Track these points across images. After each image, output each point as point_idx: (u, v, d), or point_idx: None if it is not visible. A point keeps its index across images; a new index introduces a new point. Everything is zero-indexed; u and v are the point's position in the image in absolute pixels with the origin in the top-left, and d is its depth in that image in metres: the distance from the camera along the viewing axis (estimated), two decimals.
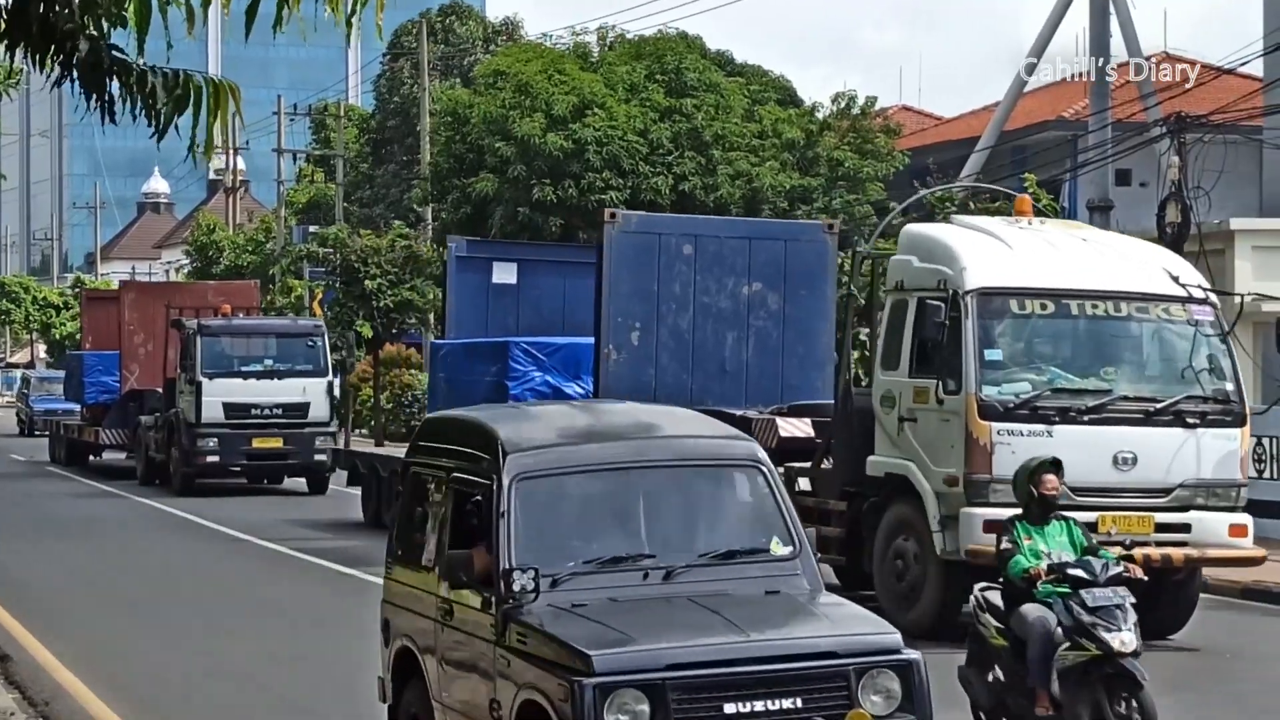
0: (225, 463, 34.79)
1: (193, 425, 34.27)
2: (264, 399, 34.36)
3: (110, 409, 41.40)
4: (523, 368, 21.98)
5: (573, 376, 21.68)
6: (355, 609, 18.29)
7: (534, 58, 44.48)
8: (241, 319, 37.00)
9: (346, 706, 13.65)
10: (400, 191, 66.00)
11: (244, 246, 71.60)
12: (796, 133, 42.30)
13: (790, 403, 20.91)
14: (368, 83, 78.98)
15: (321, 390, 34.78)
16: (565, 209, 41.40)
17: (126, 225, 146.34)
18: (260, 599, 21.15)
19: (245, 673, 15.68)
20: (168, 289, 45.23)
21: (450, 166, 45.32)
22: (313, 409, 34.57)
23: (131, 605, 20.68)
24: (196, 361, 34.14)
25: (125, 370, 40.62)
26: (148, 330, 40.07)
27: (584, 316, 23.58)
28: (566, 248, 33.72)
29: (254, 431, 34.39)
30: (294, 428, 34.30)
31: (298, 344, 35.12)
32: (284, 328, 36.75)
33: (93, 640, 17.79)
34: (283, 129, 73.66)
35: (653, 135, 41.65)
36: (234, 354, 34.54)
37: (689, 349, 20.91)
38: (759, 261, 21.45)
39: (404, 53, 70.44)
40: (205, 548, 27.04)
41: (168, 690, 14.85)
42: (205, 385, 34.03)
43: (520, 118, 41.72)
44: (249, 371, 34.50)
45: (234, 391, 34.20)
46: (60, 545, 26.83)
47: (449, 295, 25.72)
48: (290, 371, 34.58)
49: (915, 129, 52.04)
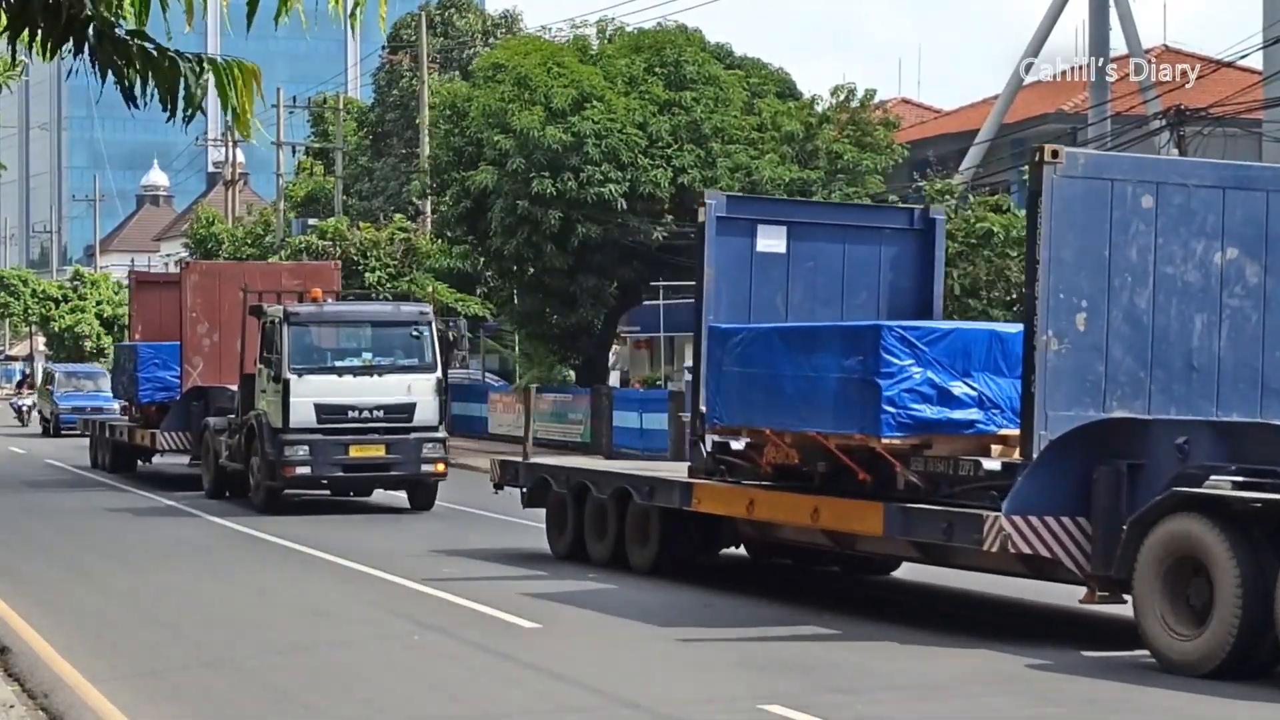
0: (317, 474, 29.55)
1: (279, 430, 29.20)
2: (363, 399, 29.35)
3: (169, 409, 36.15)
4: (900, 361, 16.63)
5: (960, 373, 16.77)
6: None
7: (533, 51, 44.50)
8: (335, 305, 31.99)
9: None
10: (399, 184, 66.02)
11: (243, 239, 71.58)
12: (796, 125, 42.32)
13: (1270, 415, 16.60)
14: (367, 76, 79.01)
15: (429, 388, 29.67)
16: (565, 202, 41.41)
17: (126, 218, 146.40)
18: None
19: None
20: (235, 270, 38.83)
21: (449, 159, 45.35)
22: (419, 410, 29.52)
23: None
24: (283, 355, 29.17)
25: (187, 364, 35.78)
26: (212, 318, 35.65)
27: (867, 295, 20.50)
28: (846, 207, 29.14)
29: (351, 438, 29.36)
30: (397, 432, 29.47)
31: (401, 334, 30.00)
32: (385, 314, 31.05)
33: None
34: (282, 122, 73.66)
35: (652, 128, 41.66)
36: (327, 346, 29.83)
37: (1147, 337, 16.48)
38: (1235, 219, 16.90)
39: (403, 46, 70.46)
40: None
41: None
42: (294, 383, 29.10)
43: (519, 111, 41.73)
44: (345, 367, 29.57)
45: (328, 390, 29.22)
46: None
47: (707, 267, 20.21)
48: (393, 367, 29.62)
49: (915, 122, 52.05)
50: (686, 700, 13.42)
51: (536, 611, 17.95)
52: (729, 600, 19.15)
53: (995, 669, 14.96)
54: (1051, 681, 14.38)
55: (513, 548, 24.05)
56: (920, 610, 18.83)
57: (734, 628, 17.17)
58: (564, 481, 22.50)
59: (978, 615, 18.47)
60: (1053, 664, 15.15)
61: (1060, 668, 15.00)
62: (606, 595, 19.43)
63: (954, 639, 16.57)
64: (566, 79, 42.28)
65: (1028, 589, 18.95)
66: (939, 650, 15.95)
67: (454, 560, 22.83)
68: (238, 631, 16.82)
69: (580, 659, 15.34)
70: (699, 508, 19.72)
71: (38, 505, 31.48)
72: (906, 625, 17.35)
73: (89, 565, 22.53)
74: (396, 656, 15.42)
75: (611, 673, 14.66)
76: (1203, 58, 46.47)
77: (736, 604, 18.87)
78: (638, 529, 21.05)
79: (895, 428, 16.63)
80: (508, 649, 15.79)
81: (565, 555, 22.34)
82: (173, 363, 36.54)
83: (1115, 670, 14.92)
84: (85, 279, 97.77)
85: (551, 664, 14.94)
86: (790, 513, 18.62)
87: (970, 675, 14.64)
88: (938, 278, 20.68)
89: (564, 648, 15.92)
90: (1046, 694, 13.88)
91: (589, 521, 22.00)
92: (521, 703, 13.49)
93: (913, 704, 13.51)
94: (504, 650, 15.73)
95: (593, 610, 18.36)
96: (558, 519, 22.74)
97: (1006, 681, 14.39)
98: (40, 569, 22.11)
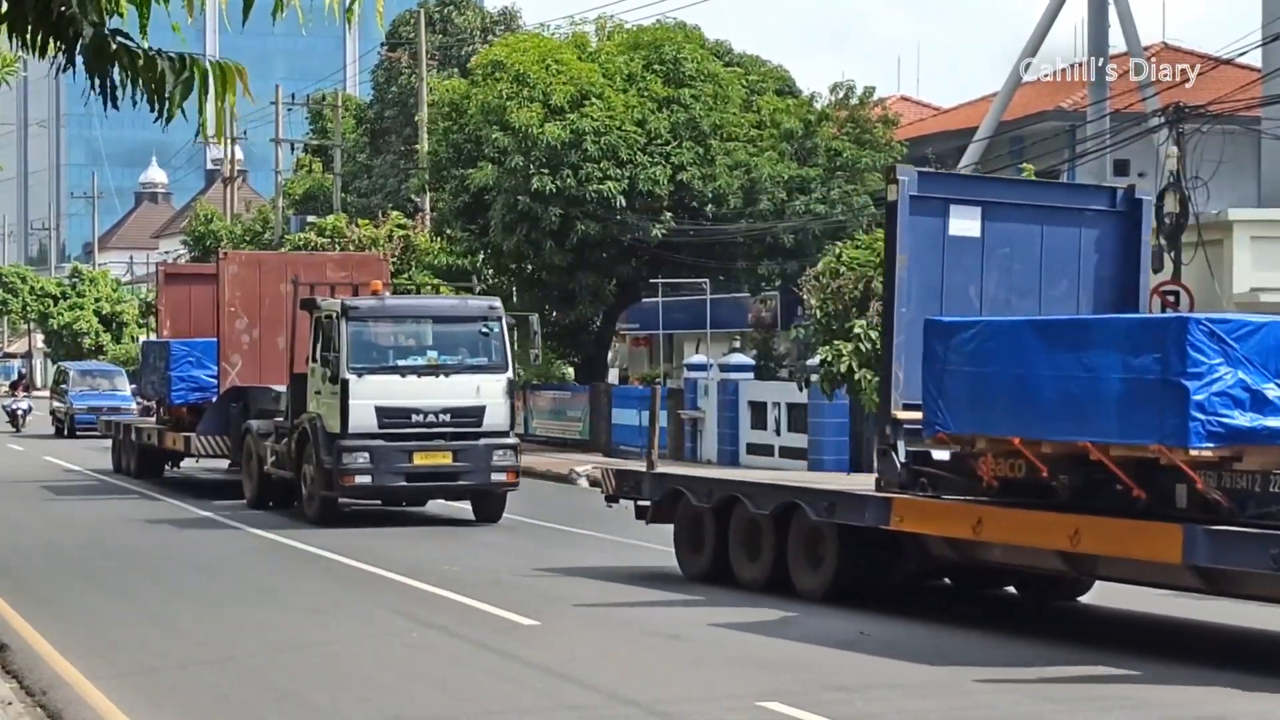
0: (378, 484, 26.89)
1: (336, 436, 26.62)
2: (428, 401, 26.81)
3: (204, 411, 33.56)
4: (1208, 360, 14.41)
5: (1274, 374, 14.67)
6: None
7: (532, 48, 44.48)
8: (397, 299, 29.65)
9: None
10: (398, 182, 66.02)
11: (241, 236, 71.55)
12: (795, 123, 42.31)
13: None
14: (365, 73, 78.98)
15: (500, 390, 27.18)
16: (563, 199, 41.40)
17: (124, 215, 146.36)
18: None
19: None
20: (276, 261, 35.77)
21: (448, 156, 45.35)
22: (489, 414, 27.04)
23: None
24: (342, 353, 26.60)
25: (224, 363, 32.83)
26: (252, 313, 32.76)
27: (1067, 285, 18.59)
28: (1043, 186, 24.93)
29: (416, 444, 26.79)
30: (466, 438, 26.95)
31: (469, 330, 27.55)
32: (451, 309, 28.58)
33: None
34: (280, 119, 73.66)
35: (651, 125, 41.65)
36: (389, 343, 27.27)
37: None
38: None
39: (402, 43, 70.44)
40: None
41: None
42: (353, 384, 26.54)
43: (518, 108, 41.73)
44: (408, 367, 26.99)
45: (390, 392, 26.69)
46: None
47: (900, 252, 17.97)
48: (460, 366, 27.14)
49: (914, 119, 52.03)
50: (685, 698, 13.41)
51: (536, 609, 17.94)
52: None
53: (996, 668, 14.95)
54: (1051, 680, 14.38)
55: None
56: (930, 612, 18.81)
57: (730, 627, 17.15)
58: (704, 495, 20.09)
59: (984, 616, 18.46)
60: (1054, 663, 15.15)
61: (1060, 664, 15.00)
62: (601, 593, 19.38)
63: (956, 638, 16.56)
64: (565, 76, 42.27)
65: None
66: (942, 649, 15.94)
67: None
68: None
69: (579, 656, 15.33)
70: (900, 526, 17.29)
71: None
72: (918, 624, 17.34)
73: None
74: (396, 654, 15.41)
75: (610, 670, 14.66)
76: (1202, 55, 46.48)
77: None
78: (805, 549, 18.68)
79: (1205, 437, 14.34)
80: (507, 647, 15.78)
81: (702, 577, 19.81)
82: (208, 361, 34.18)
83: (1115, 669, 14.91)
84: (84, 276, 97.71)
85: (550, 661, 14.93)
86: (1039, 534, 15.97)
87: (971, 674, 14.63)
88: (1144, 265, 18.82)
89: (563, 645, 15.91)
90: (1045, 693, 13.88)
91: (736, 540, 19.55)
92: (520, 700, 13.48)
93: (913, 702, 13.50)
94: (503, 648, 15.73)
95: (589, 607, 18.37)
96: (692, 537, 20.24)
97: (1006, 681, 14.38)
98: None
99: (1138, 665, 14.97)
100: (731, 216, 41.58)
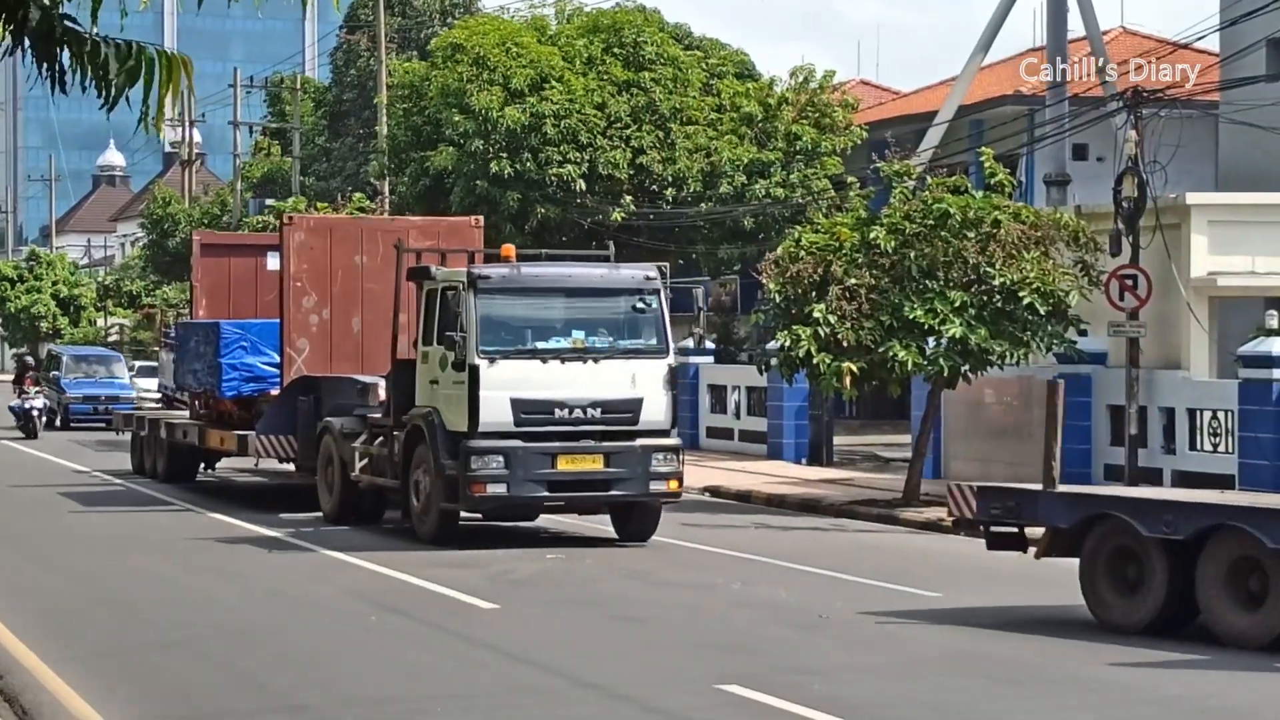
0: (515, 494, 21.74)
1: (463, 435, 21.70)
2: (575, 394, 21.87)
3: (258, 404, 28.44)
4: None
5: None
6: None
7: (491, 31, 44.36)
8: (534, 267, 23.68)
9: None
10: (357, 165, 65.83)
11: (200, 220, 71.30)
12: (754, 107, 42.30)
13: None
14: (324, 56, 78.70)
15: (659, 379, 22.23)
16: (523, 182, 41.33)
17: (82, 198, 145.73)
18: None
19: None
20: (350, 228, 29.49)
21: (408, 139, 45.21)
22: (646, 408, 22.11)
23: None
24: (471, 334, 21.70)
25: (289, 348, 27.52)
26: (320, 289, 27.69)
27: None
28: None
29: (560, 445, 21.85)
30: (619, 438, 22.04)
31: (622, 305, 22.65)
32: (601, 279, 23.07)
33: None
34: (239, 102, 73.39)
35: (610, 109, 41.59)
36: (525, 322, 22.36)
37: None
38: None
39: (361, 25, 70.21)
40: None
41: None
42: (484, 372, 21.59)
43: (478, 91, 41.63)
44: (549, 350, 22.03)
45: (529, 381, 21.76)
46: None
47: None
48: (612, 350, 22.19)
49: (873, 103, 52.08)
50: (644, 681, 13.44)
51: (495, 593, 17.93)
52: None
53: (955, 651, 14.99)
54: (1012, 662, 14.43)
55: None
56: (888, 596, 18.85)
57: (686, 609, 17.17)
58: (1158, 522, 15.71)
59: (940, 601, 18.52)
60: (1015, 645, 15.20)
61: (1021, 648, 15.05)
62: (563, 576, 19.36)
63: (912, 623, 16.61)
64: (525, 59, 42.18)
65: (1004, 574, 18.96)
66: (898, 633, 15.98)
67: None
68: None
69: (538, 640, 15.33)
70: None
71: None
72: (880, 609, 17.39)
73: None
74: (356, 638, 15.38)
75: (569, 654, 14.66)
76: (1160, 39, 46.62)
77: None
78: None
79: None
80: (468, 630, 15.77)
81: (1140, 629, 15.75)
82: (264, 346, 28.78)
83: (1074, 650, 14.96)
84: (41, 259, 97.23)
85: (511, 645, 14.93)
86: None
87: (926, 658, 14.67)
88: None
89: (522, 629, 15.91)
90: (1007, 675, 13.92)
91: (1210, 583, 15.37)
92: (482, 683, 13.47)
93: (874, 685, 13.53)
94: (463, 631, 15.72)
95: (549, 590, 18.37)
96: (1116, 577, 16.08)
97: (967, 663, 14.42)
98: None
99: (1098, 648, 15.02)
100: (691, 200, 41.56)
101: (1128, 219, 27.37)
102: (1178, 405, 27.57)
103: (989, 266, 25.94)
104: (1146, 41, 47.13)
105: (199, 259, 33.58)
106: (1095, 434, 28.93)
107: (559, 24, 45.53)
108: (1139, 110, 27.88)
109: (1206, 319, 28.78)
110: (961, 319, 25.75)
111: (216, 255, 33.65)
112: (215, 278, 32.97)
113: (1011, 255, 26.09)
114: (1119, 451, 27.76)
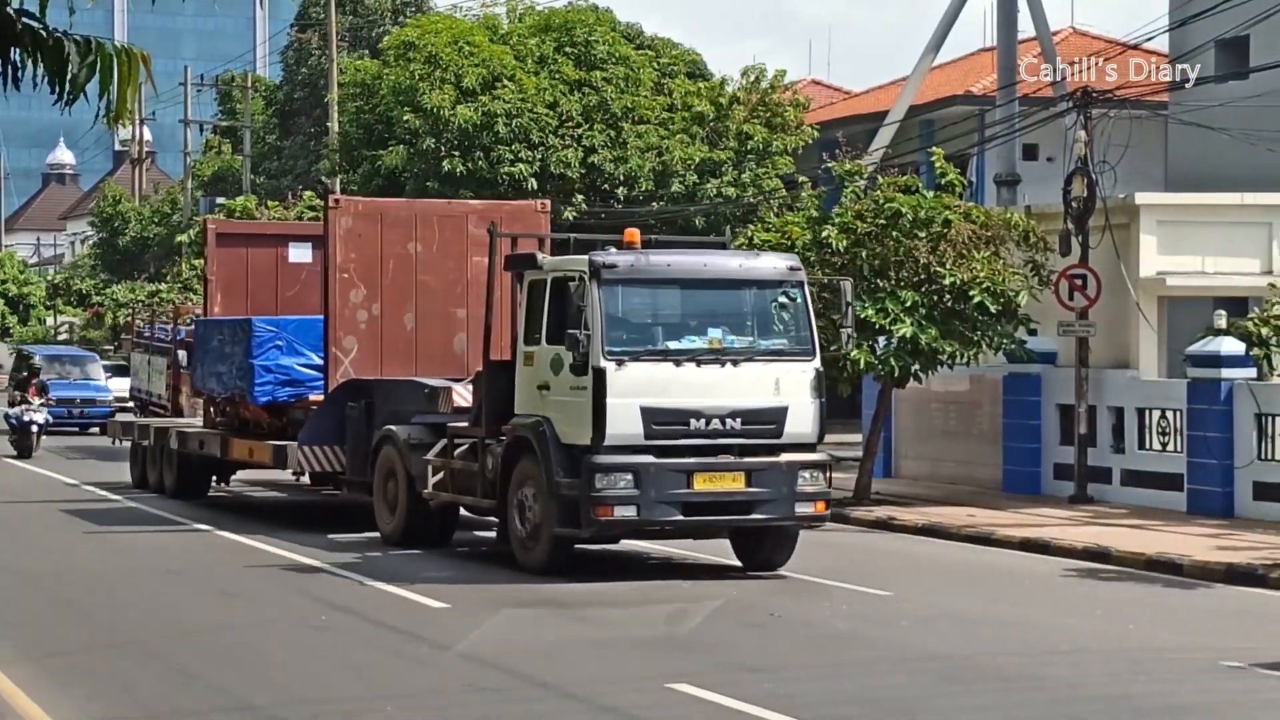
0: (646, 517, 18.82)
1: (584, 449, 18.89)
2: (711, 402, 19.06)
3: (310, 412, 25.22)
4: None
5: None
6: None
7: (444, 29, 44.29)
8: (662, 254, 20.31)
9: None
10: (308, 163, 65.68)
11: (150, 218, 71.04)
12: (706, 106, 42.35)
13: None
14: (275, 54, 78.49)
15: (806, 384, 19.55)
16: (475, 181, 41.27)
17: (31, 197, 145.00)
18: None
19: None
20: (402, 212, 26.69)
21: (359, 137, 45.10)
22: (791, 418, 19.39)
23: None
24: (596, 332, 18.85)
25: (335, 348, 24.78)
26: (370, 281, 25.09)
27: None
28: None
29: (696, 461, 18.97)
30: (761, 452, 19.24)
31: (761, 299, 19.92)
32: (739, 270, 20.02)
33: None
34: (189, 100, 73.15)
35: (562, 108, 41.58)
36: (653, 319, 19.65)
37: None
38: None
39: (312, 24, 70.04)
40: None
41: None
42: (611, 376, 18.79)
43: (430, 89, 41.56)
44: (683, 352, 19.16)
45: (662, 387, 18.94)
46: None
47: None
48: (753, 351, 19.44)
49: (825, 103, 52.18)
50: (594, 679, 13.44)
51: (445, 593, 17.90)
52: None
53: (906, 649, 15.05)
54: (962, 660, 14.48)
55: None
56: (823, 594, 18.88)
57: (635, 607, 17.17)
58: None
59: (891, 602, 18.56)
60: (965, 643, 15.26)
61: (972, 646, 15.11)
62: (512, 575, 19.34)
63: (863, 621, 16.66)
64: (477, 58, 42.14)
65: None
66: (848, 631, 16.03)
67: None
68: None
69: (488, 639, 15.32)
70: None
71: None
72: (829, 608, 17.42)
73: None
74: (304, 637, 15.34)
75: (518, 652, 14.66)
76: (1110, 40, 46.85)
77: None
78: None
79: None
80: (417, 629, 15.74)
81: None
82: (301, 346, 25.93)
83: (1025, 647, 15.02)
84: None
85: (461, 644, 14.91)
86: None
87: (876, 657, 14.72)
88: None
89: (472, 628, 15.89)
90: (952, 674, 13.97)
91: None
92: (431, 683, 13.46)
93: (824, 683, 13.56)
94: (413, 630, 15.69)
95: (499, 587, 18.35)
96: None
97: (917, 661, 14.47)
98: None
99: (1050, 644, 15.10)
100: (643, 199, 41.57)
101: (1077, 219, 27.51)
102: (1127, 405, 27.71)
103: (940, 266, 26.03)
104: (1096, 42, 47.35)
105: (214, 249, 30.15)
106: (1045, 433, 29.06)
107: (511, 23, 45.50)
108: (1088, 110, 28.01)
109: (1155, 319, 28.93)
110: (912, 318, 25.83)
111: (233, 245, 30.15)
112: (231, 270, 29.65)
113: (962, 255, 26.20)
114: (1068, 451, 27.90)
